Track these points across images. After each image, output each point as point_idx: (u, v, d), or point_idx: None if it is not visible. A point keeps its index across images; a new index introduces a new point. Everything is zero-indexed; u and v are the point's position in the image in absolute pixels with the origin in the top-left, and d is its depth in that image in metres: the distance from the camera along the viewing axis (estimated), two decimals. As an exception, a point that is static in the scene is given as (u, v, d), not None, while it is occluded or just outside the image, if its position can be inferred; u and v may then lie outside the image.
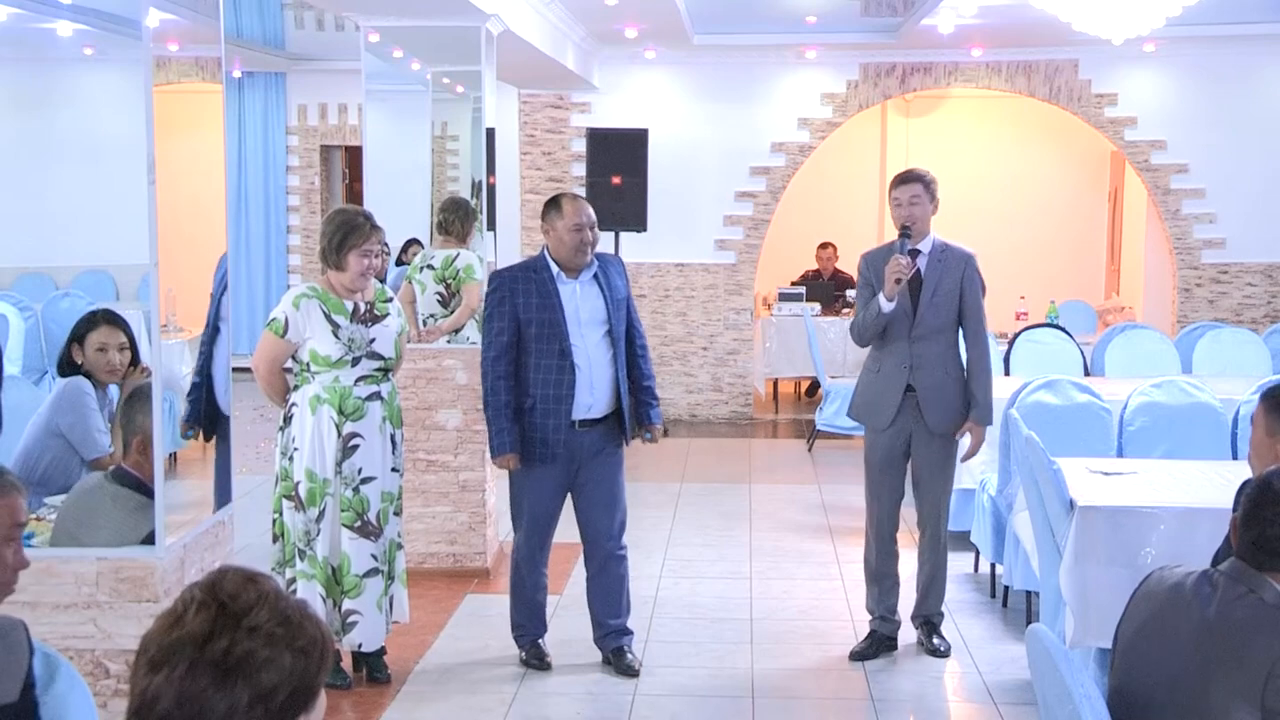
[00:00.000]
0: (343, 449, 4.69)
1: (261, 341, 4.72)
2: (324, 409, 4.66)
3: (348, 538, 4.72)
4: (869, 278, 5.18)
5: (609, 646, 5.16)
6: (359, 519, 4.73)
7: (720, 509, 7.86)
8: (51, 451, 3.78)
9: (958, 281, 5.13)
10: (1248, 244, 10.69)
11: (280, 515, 4.75)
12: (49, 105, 4.55)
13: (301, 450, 4.67)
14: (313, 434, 4.66)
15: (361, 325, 4.72)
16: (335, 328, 4.67)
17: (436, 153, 7.25)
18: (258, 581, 1.65)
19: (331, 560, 4.72)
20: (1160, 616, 2.66)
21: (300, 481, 4.67)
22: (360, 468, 4.72)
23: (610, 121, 10.54)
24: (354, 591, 4.74)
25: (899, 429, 5.16)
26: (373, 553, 4.77)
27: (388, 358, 4.79)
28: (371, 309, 4.78)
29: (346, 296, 4.73)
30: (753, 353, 10.98)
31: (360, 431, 4.71)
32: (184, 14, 3.43)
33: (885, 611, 5.30)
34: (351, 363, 4.69)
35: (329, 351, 4.66)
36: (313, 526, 4.69)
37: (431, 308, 6.72)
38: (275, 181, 12.95)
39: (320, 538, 4.69)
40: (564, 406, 4.87)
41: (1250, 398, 5.90)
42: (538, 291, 4.88)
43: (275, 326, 4.67)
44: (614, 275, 5.04)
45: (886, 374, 5.16)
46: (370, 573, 4.76)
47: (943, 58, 10.60)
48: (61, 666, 2.38)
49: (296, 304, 4.67)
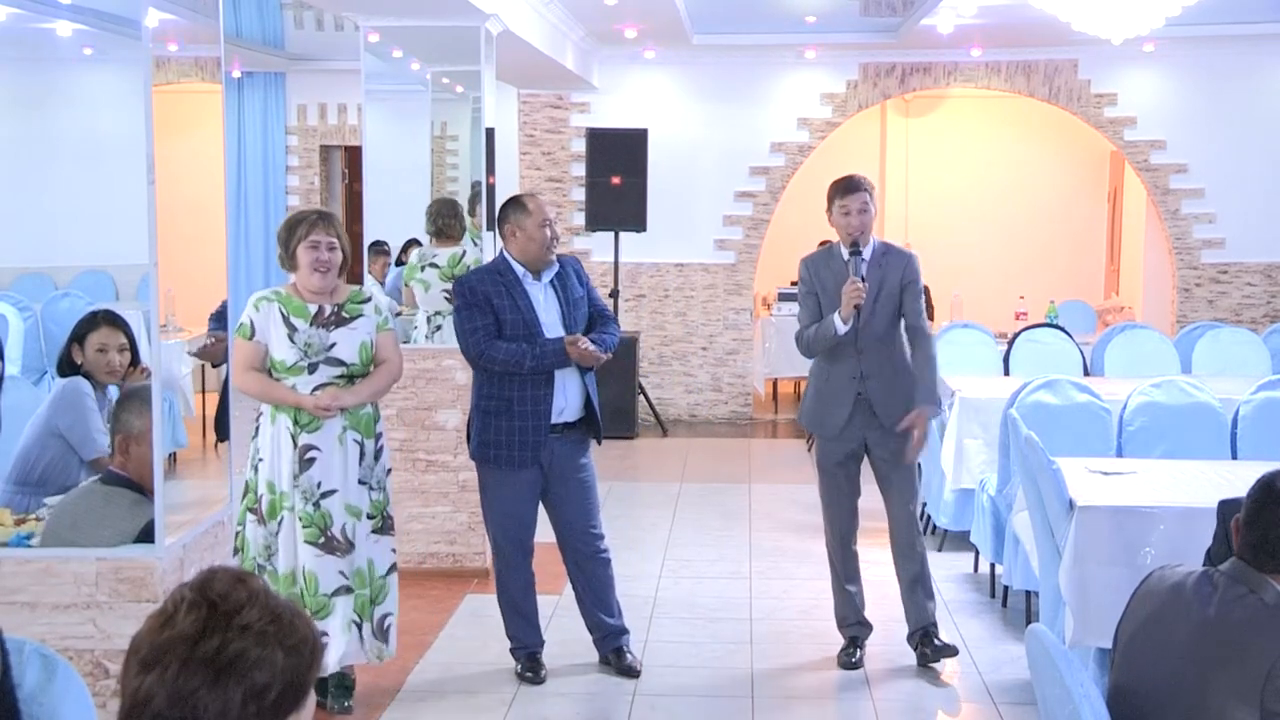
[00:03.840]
0: (299, 461, 4.44)
1: (234, 348, 4.49)
2: (281, 418, 4.45)
3: (312, 555, 4.45)
4: (811, 283, 5.14)
5: (608, 648, 5.15)
6: (322, 535, 4.45)
7: (720, 509, 7.86)
8: (51, 452, 3.78)
9: (898, 282, 5.10)
10: (1247, 244, 10.69)
11: (243, 528, 4.50)
12: (49, 105, 4.54)
13: (265, 461, 4.47)
14: (272, 444, 4.46)
15: (322, 329, 4.47)
16: (291, 331, 4.44)
17: (436, 153, 7.26)
18: (247, 581, 1.66)
19: (297, 579, 4.47)
20: (1160, 616, 2.66)
21: (262, 494, 4.47)
22: (319, 481, 4.46)
23: (610, 121, 10.54)
24: (322, 612, 4.43)
25: (852, 432, 5.14)
26: (341, 569, 4.48)
27: (350, 364, 4.50)
28: (339, 312, 4.52)
29: (310, 299, 4.49)
30: (752, 353, 10.98)
31: (316, 444, 4.45)
32: (183, 14, 3.43)
33: (859, 617, 5.29)
34: (308, 369, 4.44)
35: (284, 356, 4.43)
36: (272, 541, 4.47)
37: (438, 304, 6.72)
38: (275, 181, 12.94)
39: (280, 553, 4.46)
40: (543, 407, 4.83)
41: (1250, 397, 5.91)
42: (508, 293, 4.84)
43: (243, 330, 4.46)
44: (570, 276, 4.99)
45: (835, 386, 5.13)
46: (339, 591, 4.48)
47: (942, 58, 10.60)
48: (60, 667, 2.38)
49: (257, 306, 4.47)
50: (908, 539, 5.19)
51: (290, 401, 4.43)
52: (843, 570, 5.28)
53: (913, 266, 5.16)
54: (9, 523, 3.37)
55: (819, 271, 5.16)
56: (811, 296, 5.15)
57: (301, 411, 4.43)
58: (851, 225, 5.06)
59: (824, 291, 5.10)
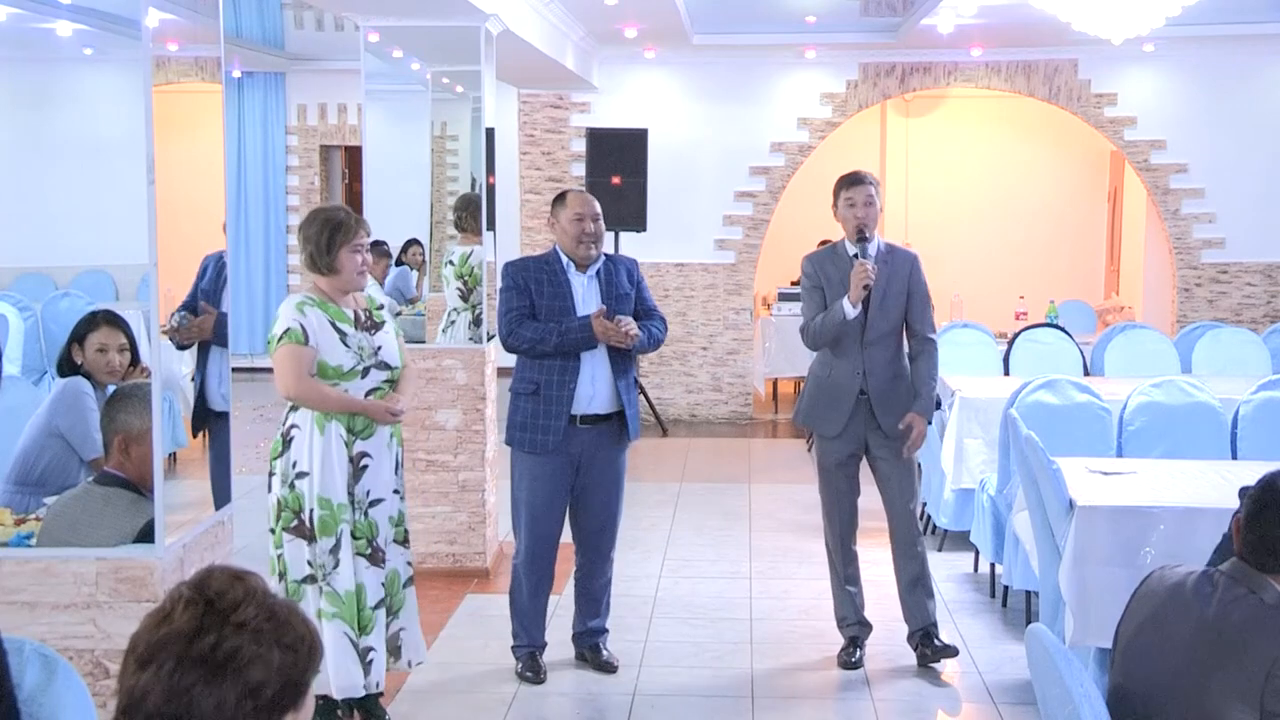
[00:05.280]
0: (354, 470, 4.32)
1: (282, 358, 4.24)
2: (333, 426, 4.27)
3: (362, 566, 4.34)
4: (817, 280, 5.14)
5: (585, 644, 5.19)
6: (369, 545, 4.36)
7: (720, 509, 7.86)
8: (50, 452, 3.77)
9: (905, 284, 5.12)
10: (1247, 244, 10.69)
11: (281, 550, 4.30)
12: (49, 105, 4.54)
13: (312, 475, 4.25)
14: (323, 455, 4.25)
15: (366, 333, 4.39)
16: (343, 335, 4.31)
17: (436, 153, 7.25)
18: (245, 579, 1.66)
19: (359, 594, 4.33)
20: (1160, 616, 2.66)
21: (312, 509, 4.25)
22: (369, 490, 4.36)
23: (610, 121, 10.54)
24: (368, 627, 4.34)
25: (852, 434, 5.14)
26: (381, 581, 4.41)
27: (395, 367, 4.44)
28: (370, 316, 4.46)
29: (344, 304, 4.39)
30: (752, 353, 10.98)
31: (369, 450, 4.35)
32: (183, 14, 3.43)
33: (859, 617, 5.29)
34: (362, 373, 4.33)
35: (340, 361, 4.29)
36: (328, 559, 4.27)
37: (453, 301, 6.75)
38: (275, 181, 12.95)
39: (340, 570, 4.27)
40: (565, 393, 4.87)
41: (1250, 397, 5.90)
42: (549, 281, 4.96)
43: (294, 335, 4.23)
44: (618, 273, 5.06)
45: (838, 380, 5.13)
46: (380, 604, 4.39)
47: (942, 58, 10.60)
48: (60, 667, 2.38)
49: (301, 309, 4.29)
50: (908, 539, 5.19)
51: (357, 408, 4.29)
52: (842, 570, 5.28)
53: (917, 267, 5.18)
54: (9, 523, 3.37)
55: (823, 266, 5.17)
56: (817, 291, 5.15)
57: (356, 418, 4.30)
58: (857, 216, 5.08)
59: (829, 285, 5.11)
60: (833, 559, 5.30)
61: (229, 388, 3.73)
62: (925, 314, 5.16)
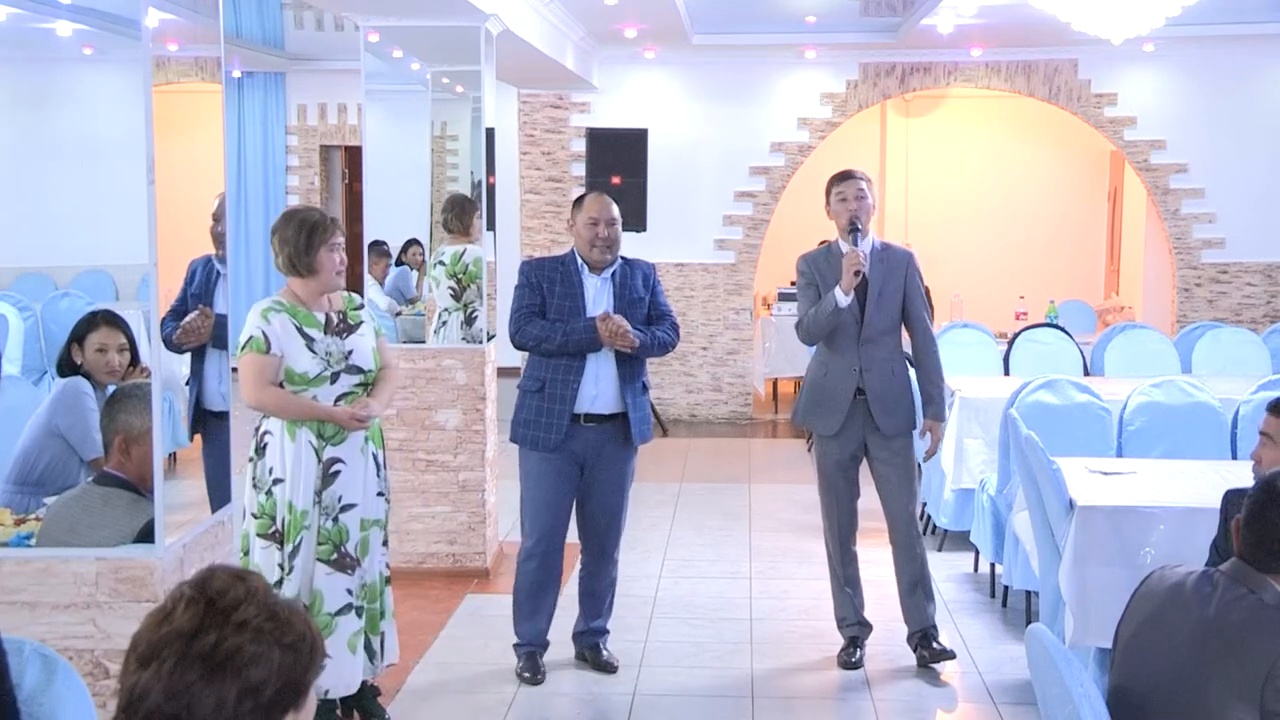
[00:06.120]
0: (323, 476, 4.26)
1: (244, 366, 4.19)
2: (302, 433, 4.22)
3: (323, 573, 4.27)
4: (812, 278, 5.15)
5: (586, 644, 5.20)
6: (335, 551, 4.28)
7: (720, 509, 7.86)
8: (50, 452, 3.77)
9: (901, 282, 5.13)
10: (1247, 244, 10.69)
11: (248, 555, 4.27)
12: (49, 105, 4.54)
13: (285, 482, 4.22)
14: (291, 462, 4.22)
15: (336, 337, 4.30)
16: (309, 341, 4.24)
17: (436, 152, 7.25)
18: (246, 579, 1.67)
19: (303, 598, 4.22)
20: (1160, 616, 2.66)
21: (282, 516, 4.23)
22: (340, 495, 4.29)
23: (610, 121, 10.54)
24: (325, 631, 4.19)
25: (850, 434, 5.14)
26: (348, 587, 4.31)
27: (368, 371, 4.35)
28: (344, 319, 4.37)
29: (316, 308, 4.31)
30: (752, 353, 10.98)
31: (341, 456, 4.28)
32: (183, 14, 3.43)
33: (859, 617, 5.29)
34: (330, 379, 4.25)
35: (306, 368, 4.22)
36: (286, 563, 4.23)
37: (445, 302, 6.74)
38: (275, 181, 12.94)
39: (291, 575, 4.23)
40: (569, 391, 4.90)
41: (1250, 397, 5.90)
42: (563, 280, 5.00)
43: (256, 344, 4.19)
44: (633, 276, 5.07)
45: (835, 378, 5.14)
46: (343, 610, 4.30)
47: (942, 58, 10.60)
48: (60, 667, 2.38)
49: (265, 317, 4.22)
50: (907, 541, 5.19)
51: (321, 415, 4.23)
52: (842, 571, 5.28)
53: (913, 265, 5.19)
54: (9, 523, 3.37)
55: (818, 264, 5.18)
56: (812, 288, 5.16)
57: (326, 424, 4.25)
58: (849, 210, 5.09)
59: (824, 282, 5.11)
60: (832, 560, 5.31)
61: (229, 387, 3.73)
62: (920, 311, 5.17)
